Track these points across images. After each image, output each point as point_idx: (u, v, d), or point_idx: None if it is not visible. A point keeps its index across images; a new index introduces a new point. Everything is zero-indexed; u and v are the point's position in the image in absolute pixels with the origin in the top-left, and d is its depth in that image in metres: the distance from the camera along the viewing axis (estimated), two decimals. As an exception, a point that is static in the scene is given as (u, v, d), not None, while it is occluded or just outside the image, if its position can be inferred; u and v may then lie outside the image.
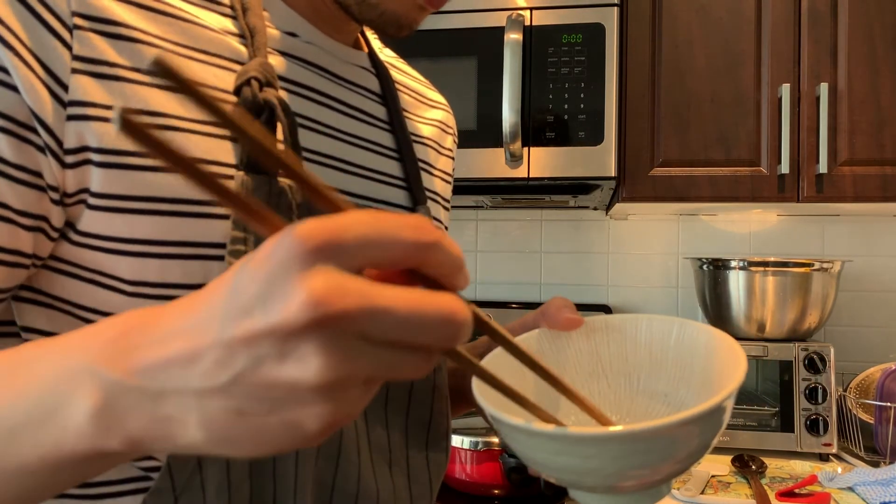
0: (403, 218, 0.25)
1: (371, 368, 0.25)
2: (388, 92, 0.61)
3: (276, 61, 0.51)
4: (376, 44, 0.66)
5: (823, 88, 1.40)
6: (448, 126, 0.71)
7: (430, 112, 0.69)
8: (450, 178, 0.71)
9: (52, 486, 0.32)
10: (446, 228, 0.71)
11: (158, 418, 0.26)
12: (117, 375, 0.27)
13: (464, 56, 1.45)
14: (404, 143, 0.61)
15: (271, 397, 0.25)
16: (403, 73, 0.69)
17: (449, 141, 0.71)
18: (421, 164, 0.64)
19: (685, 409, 0.44)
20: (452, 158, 0.72)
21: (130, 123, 0.22)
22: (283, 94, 0.50)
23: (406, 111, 0.65)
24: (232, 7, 0.50)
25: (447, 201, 0.71)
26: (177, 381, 0.26)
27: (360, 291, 0.23)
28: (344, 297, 0.23)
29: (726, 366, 0.42)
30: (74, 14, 0.41)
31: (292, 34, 0.53)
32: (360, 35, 0.62)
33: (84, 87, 0.41)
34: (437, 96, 0.72)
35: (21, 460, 0.30)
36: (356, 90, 0.58)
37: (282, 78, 0.51)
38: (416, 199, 0.60)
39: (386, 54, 0.67)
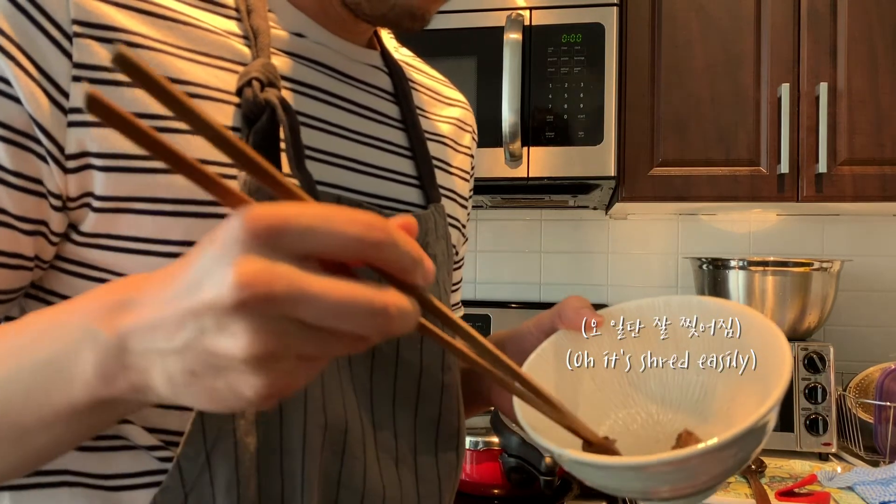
0: (357, 214, 0.27)
1: (301, 347, 0.27)
2: (401, 90, 0.61)
3: (282, 62, 0.51)
4: (391, 43, 0.66)
5: (823, 88, 1.40)
6: (466, 123, 0.71)
7: (447, 110, 0.69)
8: (468, 176, 0.71)
9: (69, 438, 0.36)
10: (464, 227, 0.70)
11: (141, 371, 0.31)
12: (112, 336, 0.31)
13: (463, 56, 1.45)
14: (417, 142, 0.60)
15: (215, 364, 0.28)
16: (420, 71, 0.69)
17: (467, 138, 0.71)
18: (436, 162, 0.63)
19: (718, 408, 0.44)
20: (471, 156, 0.72)
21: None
22: (287, 94, 0.50)
23: (421, 109, 0.64)
24: (236, 9, 0.50)
25: (466, 199, 0.70)
26: (148, 342, 0.30)
27: (289, 277, 0.25)
28: (271, 282, 0.25)
29: (763, 355, 0.42)
30: (74, 21, 0.41)
31: (300, 35, 0.53)
32: (374, 35, 0.61)
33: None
34: (455, 94, 0.72)
35: (39, 415, 0.34)
36: (367, 89, 0.58)
37: (288, 78, 0.51)
38: (430, 197, 0.60)
39: (402, 53, 0.67)
